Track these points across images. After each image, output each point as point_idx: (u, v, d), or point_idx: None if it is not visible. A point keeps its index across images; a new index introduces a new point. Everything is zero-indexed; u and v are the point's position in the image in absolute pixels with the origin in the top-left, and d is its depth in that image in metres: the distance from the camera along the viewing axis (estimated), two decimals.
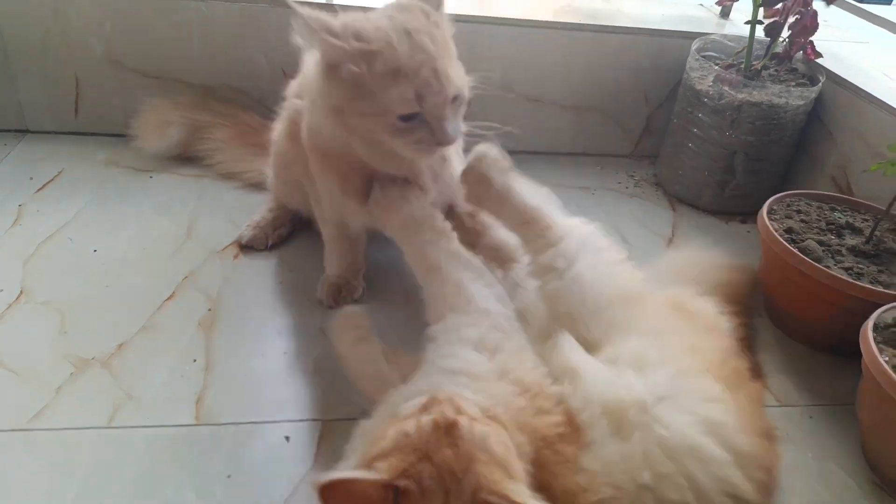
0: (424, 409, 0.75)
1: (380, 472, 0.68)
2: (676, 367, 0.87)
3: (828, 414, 1.19)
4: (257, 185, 1.59)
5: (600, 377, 0.85)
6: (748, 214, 1.74)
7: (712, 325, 1.05)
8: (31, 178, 1.57)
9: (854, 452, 1.12)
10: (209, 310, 1.26)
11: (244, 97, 1.74)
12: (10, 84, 1.66)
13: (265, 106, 1.75)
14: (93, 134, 1.75)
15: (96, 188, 1.56)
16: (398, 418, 0.75)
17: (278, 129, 1.37)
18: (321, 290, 1.30)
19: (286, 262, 1.41)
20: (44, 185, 1.55)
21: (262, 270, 1.39)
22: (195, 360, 1.15)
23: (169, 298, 1.28)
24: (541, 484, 0.75)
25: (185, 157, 1.66)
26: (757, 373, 1.21)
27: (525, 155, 1.90)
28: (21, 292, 1.25)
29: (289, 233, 1.47)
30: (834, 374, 1.26)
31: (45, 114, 1.72)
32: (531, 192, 1.11)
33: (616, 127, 1.93)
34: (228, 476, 0.97)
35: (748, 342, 1.26)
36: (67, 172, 1.60)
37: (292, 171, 1.31)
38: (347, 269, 1.32)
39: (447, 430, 0.70)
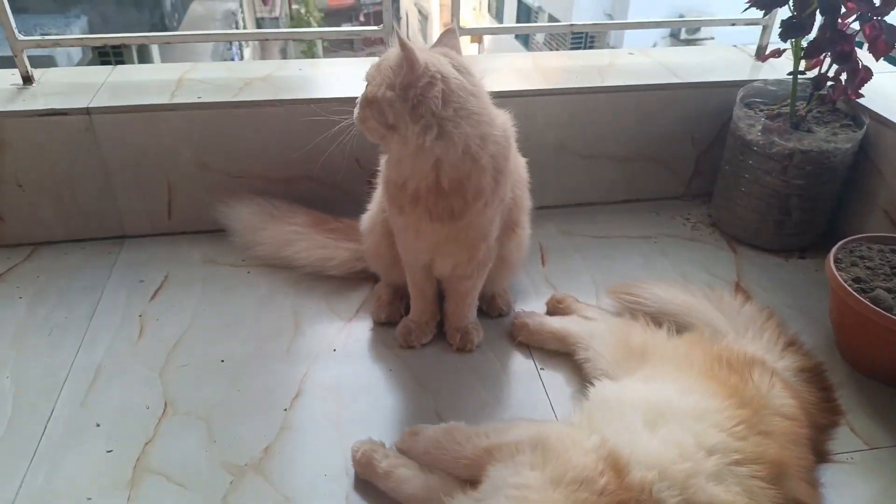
0: None
1: None
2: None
3: None
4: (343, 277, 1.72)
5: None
6: (806, 249, 1.85)
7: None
8: (142, 281, 1.72)
9: None
10: (335, 404, 1.39)
11: (321, 185, 1.88)
12: (111, 196, 1.81)
13: (340, 190, 1.89)
14: (184, 233, 1.89)
15: (202, 289, 1.70)
16: None
17: (372, 207, 1.56)
18: (397, 330, 1.54)
19: (388, 345, 1.54)
20: (156, 293, 1.69)
21: (369, 357, 1.52)
22: (334, 461, 1.28)
23: (296, 396, 1.41)
24: None
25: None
26: (835, 411, 1.33)
27: (583, 207, 2.04)
28: (166, 405, 1.39)
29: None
30: None
31: (141, 219, 1.86)
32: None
33: (667, 171, 2.04)
34: None
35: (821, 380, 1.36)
36: (173, 275, 1.74)
37: (386, 239, 1.50)
38: (421, 315, 1.53)
39: None
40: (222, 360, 1.49)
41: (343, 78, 1.91)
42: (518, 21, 13.12)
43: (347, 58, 2.25)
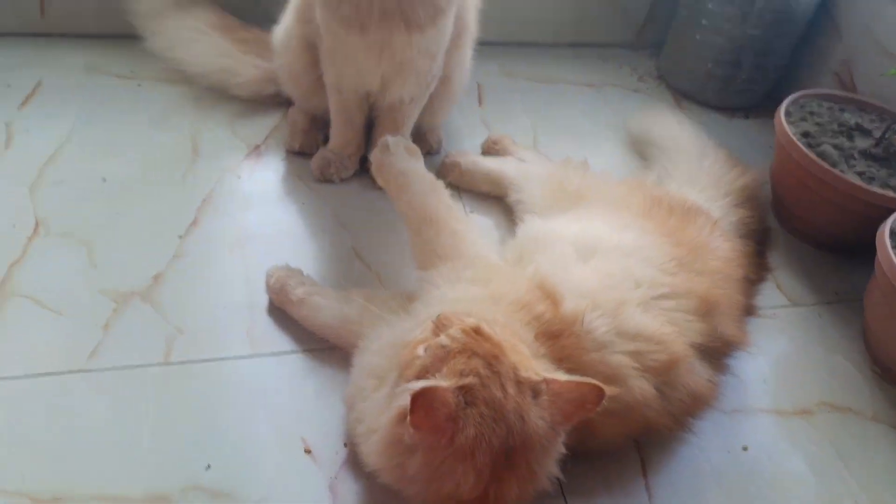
0: (437, 328, 0.80)
1: (445, 379, 0.73)
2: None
3: (834, 311, 1.29)
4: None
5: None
6: (750, 109, 1.77)
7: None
8: (9, 87, 1.45)
9: (857, 346, 1.24)
10: (238, 236, 1.24)
11: None
12: None
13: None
14: (63, 35, 1.59)
15: (84, 100, 1.45)
16: (413, 340, 0.81)
17: (286, 17, 1.33)
18: (313, 161, 1.36)
19: (303, 178, 1.38)
20: (27, 99, 1.43)
21: (279, 189, 1.36)
22: (235, 294, 1.15)
23: (193, 224, 1.25)
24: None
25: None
26: (764, 267, 1.31)
27: (527, 47, 1.86)
28: (37, 224, 1.20)
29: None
30: (839, 273, 1.36)
31: (6, 14, 1.54)
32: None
33: (620, 15, 1.87)
34: (298, 403, 1.01)
35: (760, 241, 1.33)
36: (48, 82, 1.47)
37: (305, 56, 1.30)
38: (344, 146, 1.36)
39: (476, 332, 0.77)
40: (104, 180, 1.29)
41: None
42: None
43: None
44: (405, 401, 0.70)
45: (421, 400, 0.69)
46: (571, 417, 0.76)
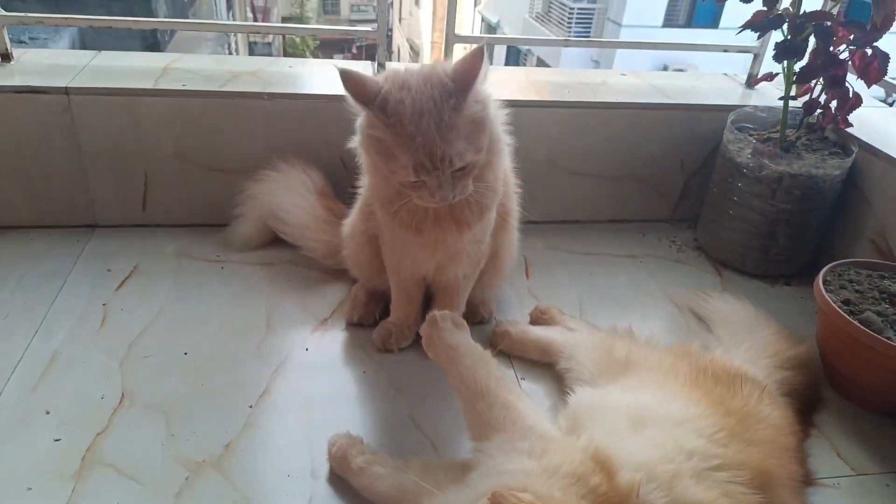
0: None
1: None
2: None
3: None
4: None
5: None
6: (791, 276, 1.83)
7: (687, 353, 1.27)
8: (109, 271, 1.64)
9: None
10: (304, 404, 1.32)
11: None
12: (84, 183, 1.74)
13: None
14: (158, 225, 1.82)
15: (172, 282, 1.63)
16: None
17: (353, 214, 1.51)
18: (375, 332, 1.48)
19: (364, 348, 1.48)
20: (122, 282, 1.61)
21: (343, 358, 1.45)
22: (300, 462, 1.21)
23: (264, 394, 1.34)
24: None
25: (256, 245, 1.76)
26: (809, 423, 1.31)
27: (570, 224, 2.01)
28: (123, 395, 1.31)
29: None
30: None
31: (114, 208, 1.79)
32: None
33: (655, 194, 2.02)
34: None
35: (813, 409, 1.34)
36: (143, 266, 1.67)
37: (368, 247, 1.46)
38: (404, 319, 1.47)
39: None
40: (185, 353, 1.41)
41: (332, 77, 1.88)
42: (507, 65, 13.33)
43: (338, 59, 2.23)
44: None
45: None
46: None
